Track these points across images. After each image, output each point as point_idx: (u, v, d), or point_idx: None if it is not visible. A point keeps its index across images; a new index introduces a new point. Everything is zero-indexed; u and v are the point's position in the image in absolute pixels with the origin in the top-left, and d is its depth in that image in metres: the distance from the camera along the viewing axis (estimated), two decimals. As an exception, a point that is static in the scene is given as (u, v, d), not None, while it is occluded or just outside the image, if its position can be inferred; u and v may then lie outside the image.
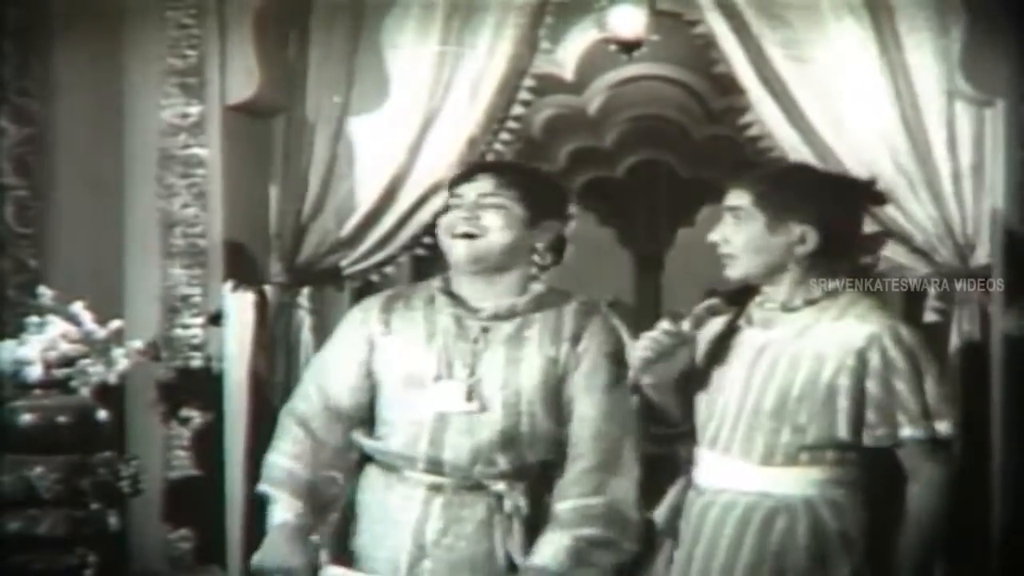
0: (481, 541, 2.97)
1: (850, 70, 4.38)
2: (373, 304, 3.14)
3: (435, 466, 2.99)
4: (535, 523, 2.98)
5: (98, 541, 3.78)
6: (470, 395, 2.98)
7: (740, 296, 3.03)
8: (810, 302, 2.92)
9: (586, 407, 3.00)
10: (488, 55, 4.51)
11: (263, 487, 3.09)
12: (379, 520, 3.04)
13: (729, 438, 2.93)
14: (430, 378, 3.00)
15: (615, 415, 3.00)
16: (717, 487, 2.94)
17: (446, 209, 3.08)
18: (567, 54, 6.34)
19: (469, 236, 2.99)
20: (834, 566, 2.85)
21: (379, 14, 4.56)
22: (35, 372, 3.78)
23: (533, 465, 3.01)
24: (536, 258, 3.05)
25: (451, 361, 3.00)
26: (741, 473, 2.91)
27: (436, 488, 2.99)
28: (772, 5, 4.39)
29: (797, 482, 2.88)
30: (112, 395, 3.97)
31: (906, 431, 2.83)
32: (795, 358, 2.88)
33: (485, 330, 3.02)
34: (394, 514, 3.01)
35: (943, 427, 2.83)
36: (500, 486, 2.98)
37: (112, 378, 3.89)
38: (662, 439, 3.17)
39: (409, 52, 4.54)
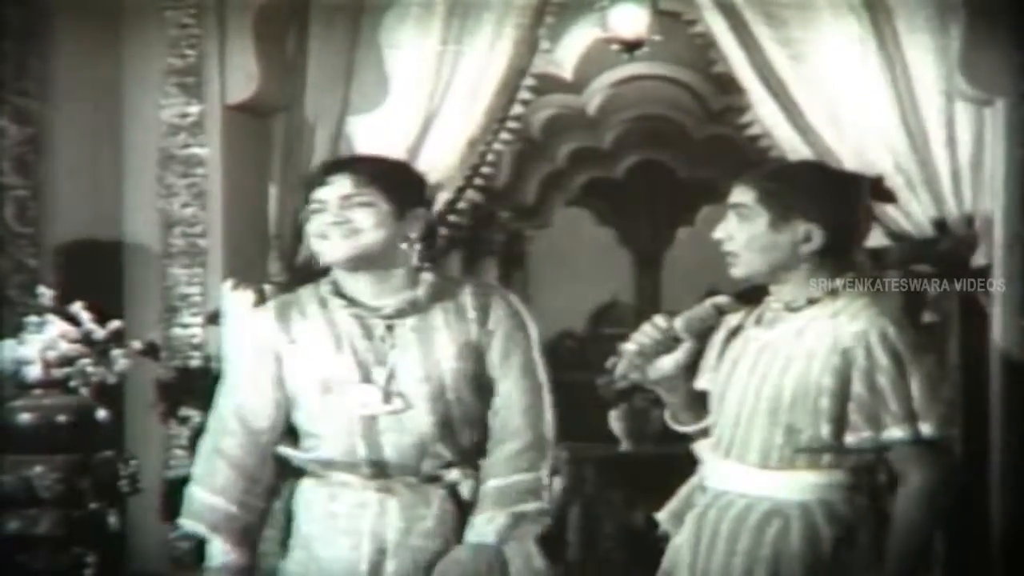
0: (442, 534, 2.98)
1: (849, 69, 4.38)
2: (265, 317, 3.08)
3: (379, 468, 2.98)
4: None
5: (97, 540, 3.78)
6: (387, 397, 2.97)
7: (750, 296, 3.01)
8: (812, 301, 2.91)
9: (506, 386, 3.01)
10: (488, 55, 4.51)
11: (196, 527, 3.04)
12: (323, 534, 3.01)
13: (730, 440, 2.91)
14: (347, 382, 3.00)
15: (533, 390, 3.02)
16: (718, 489, 2.94)
17: (304, 214, 3.06)
18: (567, 54, 6.34)
19: (323, 237, 2.96)
20: (828, 572, 2.84)
21: (378, 13, 4.56)
22: (35, 372, 3.78)
23: (473, 449, 3.02)
24: (413, 248, 3.00)
25: (364, 363, 2.99)
26: (739, 476, 2.90)
27: (387, 489, 2.99)
28: (771, 4, 4.39)
29: (792, 486, 2.86)
30: (111, 395, 3.98)
31: (890, 432, 2.78)
32: (789, 358, 2.86)
33: (390, 328, 3.01)
34: (345, 523, 2.99)
35: (927, 428, 2.79)
36: (452, 476, 2.99)
37: (111, 378, 3.89)
38: (681, 438, 3.17)
39: (409, 51, 4.54)
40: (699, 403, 3.03)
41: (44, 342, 3.79)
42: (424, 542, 2.96)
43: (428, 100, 4.52)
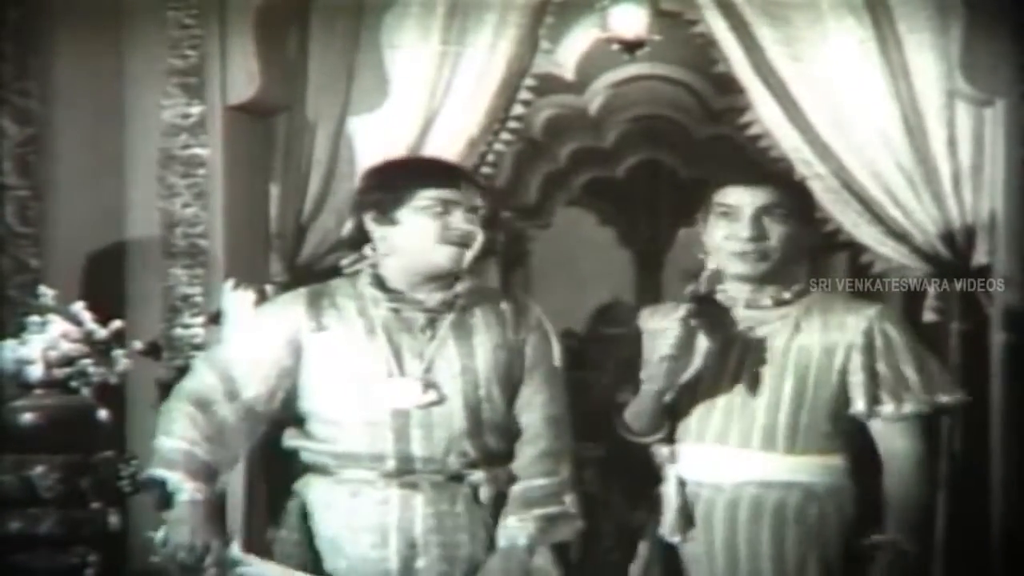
0: (470, 531, 3.01)
1: (850, 69, 4.38)
2: (296, 301, 3.14)
3: (406, 462, 3.00)
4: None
5: (98, 540, 3.78)
6: (425, 387, 3.00)
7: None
8: (800, 294, 3.06)
9: (534, 393, 3.10)
10: (488, 55, 4.51)
11: (157, 471, 3.07)
12: (346, 533, 3.03)
13: (745, 433, 2.99)
14: (379, 374, 3.01)
15: (560, 399, 3.12)
16: (737, 481, 3.01)
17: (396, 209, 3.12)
18: (568, 54, 6.34)
19: (463, 245, 3.04)
20: (854, 547, 2.95)
21: (379, 13, 4.55)
22: (36, 372, 3.78)
23: (499, 451, 3.05)
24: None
25: (400, 354, 3.02)
26: (764, 465, 3.00)
27: (412, 485, 3.01)
28: (772, 4, 4.39)
29: (816, 469, 2.99)
30: (112, 395, 3.98)
31: (909, 406, 2.98)
32: (804, 349, 3.00)
33: (431, 321, 3.05)
34: (368, 520, 3.01)
35: (947, 399, 3.01)
36: (475, 477, 3.02)
37: (113, 378, 3.89)
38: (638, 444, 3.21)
39: (409, 51, 4.54)
40: (670, 408, 3.10)
41: (46, 342, 3.79)
42: (453, 537, 3.00)
43: (429, 100, 4.52)
